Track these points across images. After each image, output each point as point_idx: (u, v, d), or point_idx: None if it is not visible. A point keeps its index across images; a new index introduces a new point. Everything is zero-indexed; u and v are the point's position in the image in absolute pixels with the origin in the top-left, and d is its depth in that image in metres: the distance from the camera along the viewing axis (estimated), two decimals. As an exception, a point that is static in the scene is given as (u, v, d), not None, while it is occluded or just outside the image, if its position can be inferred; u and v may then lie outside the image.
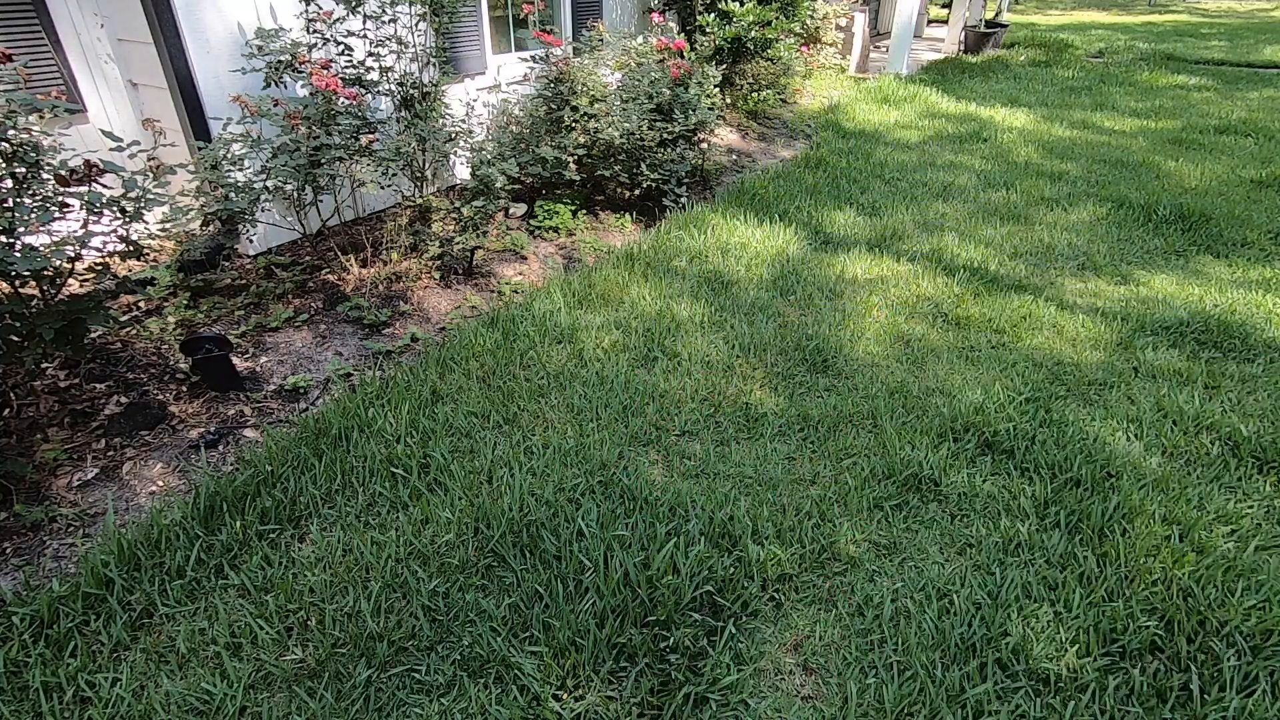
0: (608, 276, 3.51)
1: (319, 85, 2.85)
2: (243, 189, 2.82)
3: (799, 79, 7.03)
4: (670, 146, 4.37)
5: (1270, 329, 3.20)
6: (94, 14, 2.98)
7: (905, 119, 6.99)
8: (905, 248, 4.05)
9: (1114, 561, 1.95)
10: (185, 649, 1.66)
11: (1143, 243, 4.21)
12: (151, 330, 2.74)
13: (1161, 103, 7.96)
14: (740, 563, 1.91)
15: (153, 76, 3.05)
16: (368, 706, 1.57)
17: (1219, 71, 10.04)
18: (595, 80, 4.14)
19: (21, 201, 2.02)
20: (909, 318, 3.28)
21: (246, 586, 1.82)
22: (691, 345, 2.97)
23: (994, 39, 10.93)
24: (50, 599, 1.73)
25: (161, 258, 3.22)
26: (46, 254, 2.01)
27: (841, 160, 5.61)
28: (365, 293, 3.23)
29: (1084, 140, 6.43)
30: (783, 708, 1.59)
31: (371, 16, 3.32)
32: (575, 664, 1.64)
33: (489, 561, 1.91)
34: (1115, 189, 5.06)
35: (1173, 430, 2.50)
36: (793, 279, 3.62)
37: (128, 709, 1.53)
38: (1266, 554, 1.99)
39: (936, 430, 2.48)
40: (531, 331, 3.00)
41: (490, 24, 4.70)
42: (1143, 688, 1.62)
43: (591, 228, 4.29)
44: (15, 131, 2.02)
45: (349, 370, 2.77)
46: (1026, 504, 2.15)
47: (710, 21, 5.69)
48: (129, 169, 2.21)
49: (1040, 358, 2.98)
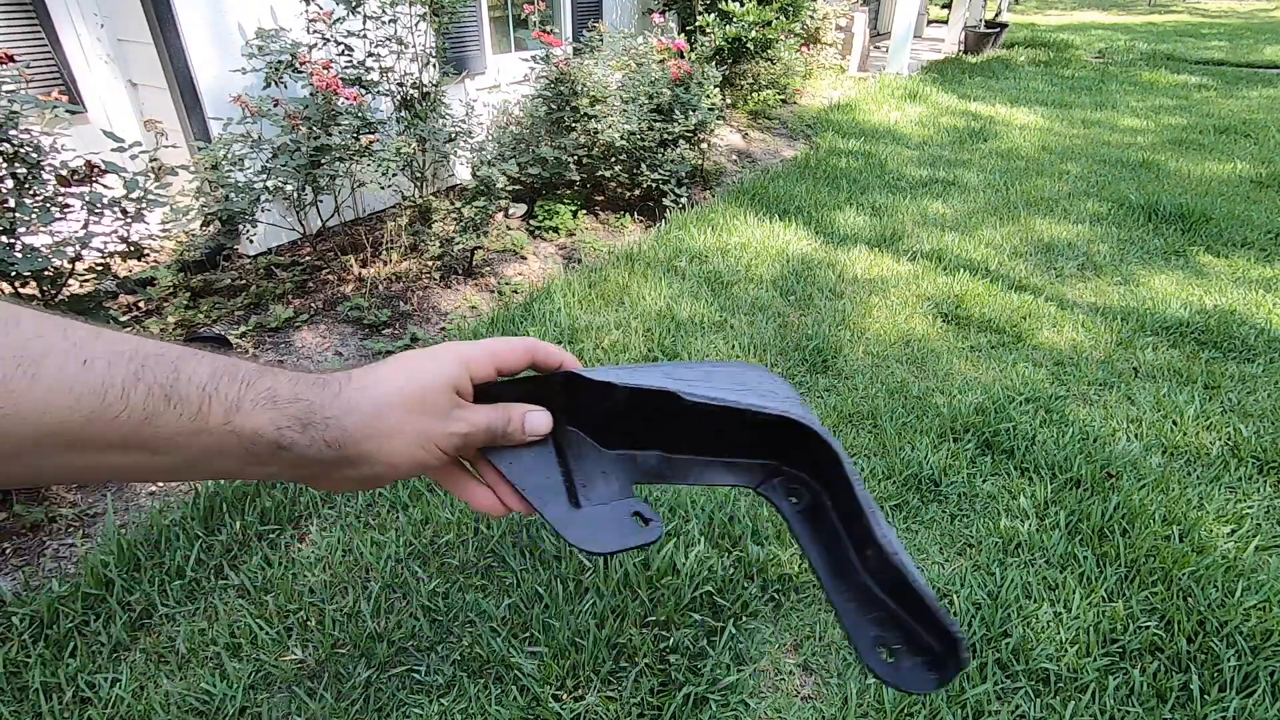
0: (608, 276, 3.51)
1: (319, 85, 2.85)
2: (243, 189, 2.82)
3: (799, 79, 7.03)
4: (671, 146, 4.37)
5: (1270, 329, 3.20)
6: (94, 14, 2.98)
7: (906, 119, 6.99)
8: (906, 247, 4.05)
9: (1114, 561, 1.95)
10: (185, 649, 1.66)
11: (1143, 242, 4.21)
12: (151, 331, 2.74)
13: (1162, 102, 7.97)
14: (740, 563, 1.91)
15: (153, 76, 3.05)
16: (367, 706, 1.57)
17: (1219, 71, 10.05)
18: (595, 81, 4.14)
19: (23, 202, 2.02)
20: (909, 318, 3.28)
21: (246, 587, 1.82)
22: (692, 345, 2.97)
23: (994, 39, 10.93)
24: (50, 599, 1.73)
25: (161, 258, 3.22)
26: (47, 254, 2.01)
27: (842, 160, 5.61)
28: (365, 293, 3.23)
29: (1084, 140, 6.43)
30: (783, 708, 1.59)
31: (372, 17, 3.32)
32: (575, 664, 1.64)
33: (489, 562, 1.91)
34: (1116, 188, 5.06)
35: (1173, 430, 2.50)
36: (793, 279, 3.62)
37: (127, 709, 1.53)
38: (1266, 554, 1.99)
39: (936, 430, 2.48)
40: (531, 332, 3.00)
41: (490, 24, 4.70)
42: (1143, 688, 1.62)
43: (592, 228, 4.29)
44: (16, 132, 2.02)
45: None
46: (1026, 504, 2.15)
47: (710, 22, 5.69)
48: (130, 169, 2.22)
49: (1040, 358, 2.98)
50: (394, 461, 0.41)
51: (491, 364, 0.46)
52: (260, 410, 0.37)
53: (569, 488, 0.47)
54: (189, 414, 0.35)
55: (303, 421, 0.38)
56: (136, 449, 0.34)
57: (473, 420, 0.44)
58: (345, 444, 0.39)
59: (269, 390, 0.37)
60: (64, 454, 0.33)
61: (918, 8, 8.71)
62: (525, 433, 0.46)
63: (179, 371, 0.35)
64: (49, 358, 0.31)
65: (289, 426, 0.38)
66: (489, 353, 0.46)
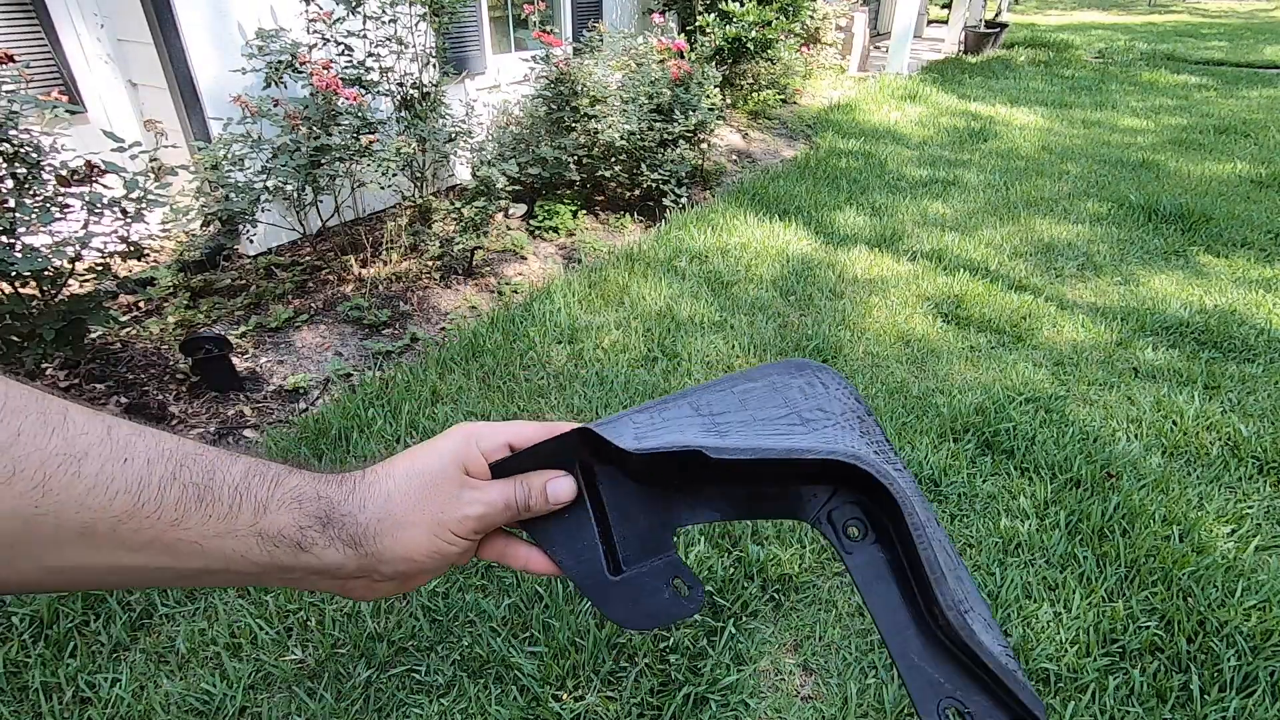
0: (608, 276, 3.51)
1: (319, 85, 2.85)
2: (243, 189, 2.82)
3: (799, 79, 7.03)
4: (671, 146, 4.37)
5: (1270, 329, 3.20)
6: (94, 14, 2.98)
7: (906, 119, 6.99)
8: (906, 247, 4.05)
9: (1114, 561, 1.95)
10: (185, 649, 1.66)
11: (1143, 242, 4.21)
12: (151, 331, 2.74)
13: (1162, 102, 7.97)
14: (740, 563, 1.91)
15: (153, 76, 3.05)
16: (367, 706, 1.57)
17: (1219, 71, 10.05)
18: (595, 81, 4.14)
19: (22, 202, 2.02)
20: (909, 318, 3.28)
21: (246, 587, 1.82)
22: (691, 345, 2.97)
23: (994, 39, 10.93)
24: (50, 599, 1.73)
25: (161, 258, 3.22)
26: (47, 254, 2.01)
27: (842, 160, 5.61)
28: (365, 293, 3.23)
29: (1084, 140, 6.43)
30: (783, 708, 1.59)
31: (372, 17, 3.32)
32: (575, 664, 1.64)
33: (489, 561, 1.91)
34: (1116, 188, 5.06)
35: (1173, 430, 2.50)
36: (793, 279, 3.62)
37: (127, 709, 1.53)
38: (1266, 554, 1.99)
39: (936, 430, 2.48)
40: (531, 332, 3.00)
41: (490, 24, 4.70)
42: (1143, 688, 1.62)
43: (592, 228, 4.29)
44: (16, 132, 2.02)
45: (349, 370, 2.78)
46: (1026, 504, 2.15)
47: (710, 22, 5.69)
48: (130, 169, 2.22)
49: (1040, 358, 2.98)
50: (411, 555, 0.40)
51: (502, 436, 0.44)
52: (285, 510, 0.37)
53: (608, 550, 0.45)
54: (219, 514, 0.35)
55: (323, 520, 0.38)
56: (158, 551, 0.34)
57: (487, 499, 0.42)
58: (362, 540, 0.39)
59: (295, 488, 0.38)
60: (83, 552, 0.32)
61: (918, 8, 8.71)
62: (549, 502, 0.44)
63: (214, 471, 0.35)
64: (90, 455, 0.32)
65: (310, 526, 0.38)
66: (501, 431, 0.45)
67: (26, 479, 0.30)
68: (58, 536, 0.31)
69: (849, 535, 0.44)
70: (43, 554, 0.31)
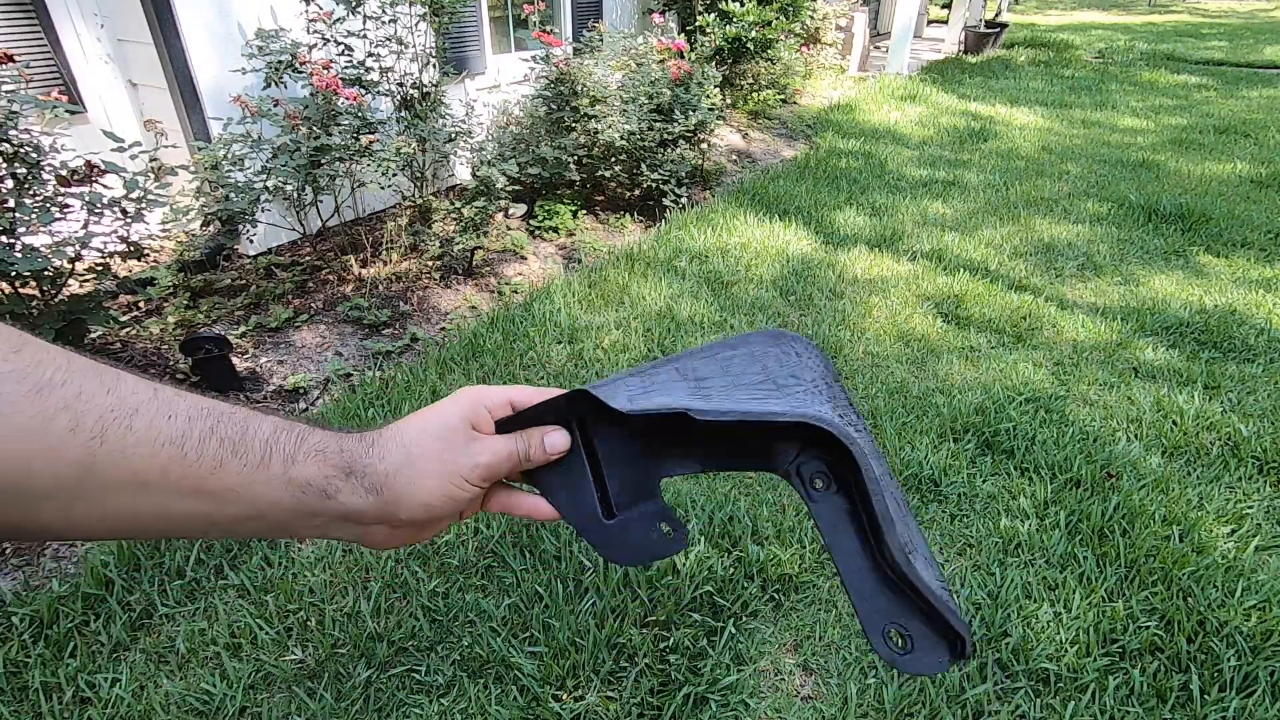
0: (608, 276, 3.51)
1: (319, 85, 2.85)
2: (243, 189, 2.82)
3: (799, 79, 7.03)
4: (671, 146, 4.37)
5: (1270, 329, 3.20)
6: (94, 14, 2.98)
7: (906, 119, 6.99)
8: (906, 247, 4.05)
9: (1114, 561, 1.95)
10: (185, 649, 1.66)
11: (1143, 242, 4.21)
12: (151, 331, 2.74)
13: (1162, 102, 7.97)
14: (740, 563, 1.91)
15: (153, 76, 3.05)
16: (367, 706, 1.57)
17: (1219, 71, 10.05)
18: (595, 81, 4.14)
19: (22, 202, 2.02)
20: (909, 318, 3.28)
21: (246, 587, 1.82)
22: (691, 345, 2.96)
23: (994, 39, 10.93)
24: (50, 599, 1.73)
25: (161, 258, 3.22)
26: (47, 254, 2.01)
27: (842, 160, 5.61)
28: (365, 293, 3.23)
29: (1084, 140, 6.43)
30: (783, 708, 1.60)
31: (372, 17, 3.32)
32: (575, 664, 1.64)
33: (489, 562, 1.91)
34: (1116, 188, 5.06)
35: (1173, 430, 2.50)
36: (793, 279, 3.62)
37: (127, 709, 1.53)
38: (1266, 554, 1.99)
39: (936, 430, 2.48)
40: (531, 331, 3.00)
41: (490, 24, 4.70)
42: (1143, 688, 1.62)
43: (592, 228, 4.29)
44: (16, 132, 2.02)
45: (349, 370, 2.78)
46: (1026, 504, 2.15)
47: (710, 22, 5.69)
48: (130, 169, 2.22)
49: (1040, 358, 2.98)
50: (427, 500, 0.45)
51: (505, 399, 0.50)
52: (311, 461, 0.42)
53: (602, 497, 0.50)
54: (252, 464, 0.39)
55: (345, 471, 0.43)
56: (201, 498, 0.38)
57: (493, 449, 0.47)
58: (383, 487, 0.44)
59: (319, 443, 0.42)
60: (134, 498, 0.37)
61: (918, 8, 8.71)
62: (547, 453, 0.49)
63: (247, 427, 0.40)
64: (140, 411, 0.36)
65: (335, 476, 0.42)
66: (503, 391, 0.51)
67: (87, 430, 0.34)
68: (113, 483, 0.35)
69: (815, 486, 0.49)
70: (100, 499, 0.36)
